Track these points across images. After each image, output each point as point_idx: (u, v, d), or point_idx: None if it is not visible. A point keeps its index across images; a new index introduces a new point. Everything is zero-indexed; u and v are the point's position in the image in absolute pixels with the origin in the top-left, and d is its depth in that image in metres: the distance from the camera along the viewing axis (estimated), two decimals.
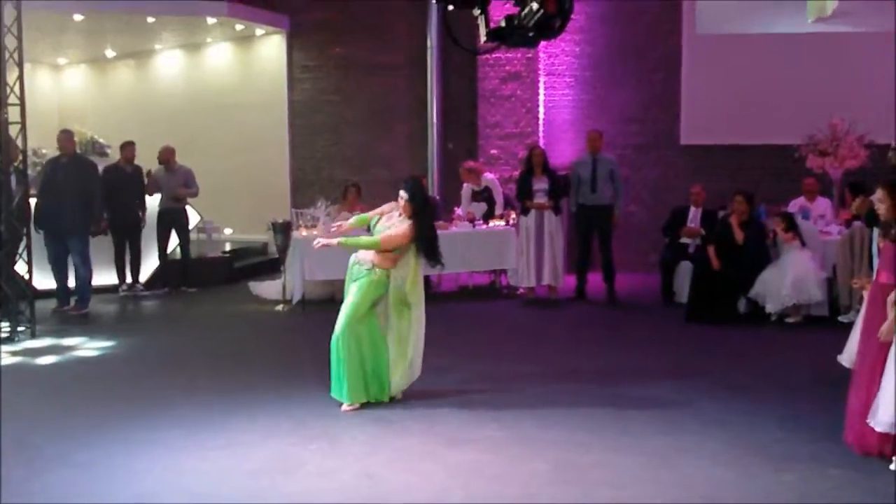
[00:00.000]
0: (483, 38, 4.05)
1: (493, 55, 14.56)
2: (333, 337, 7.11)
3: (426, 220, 7.24)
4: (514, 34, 3.85)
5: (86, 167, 11.69)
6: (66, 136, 11.55)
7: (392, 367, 7.26)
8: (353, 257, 7.33)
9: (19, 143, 10.01)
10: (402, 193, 7.17)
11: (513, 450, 6.14)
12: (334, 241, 7.31)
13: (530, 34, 3.83)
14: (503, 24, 3.86)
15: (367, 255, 7.24)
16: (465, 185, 13.12)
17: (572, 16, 4.03)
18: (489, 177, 13.18)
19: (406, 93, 15.68)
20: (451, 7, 4.02)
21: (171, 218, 13.10)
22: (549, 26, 3.79)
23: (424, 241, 7.20)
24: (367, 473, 5.69)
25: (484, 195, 12.94)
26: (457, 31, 4.18)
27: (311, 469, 5.78)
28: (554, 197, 12.02)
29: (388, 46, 15.69)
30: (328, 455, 6.05)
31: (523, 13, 3.80)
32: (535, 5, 3.77)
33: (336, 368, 7.11)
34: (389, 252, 7.15)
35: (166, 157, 13.15)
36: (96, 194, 11.54)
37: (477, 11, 3.87)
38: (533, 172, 12.06)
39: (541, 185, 12.00)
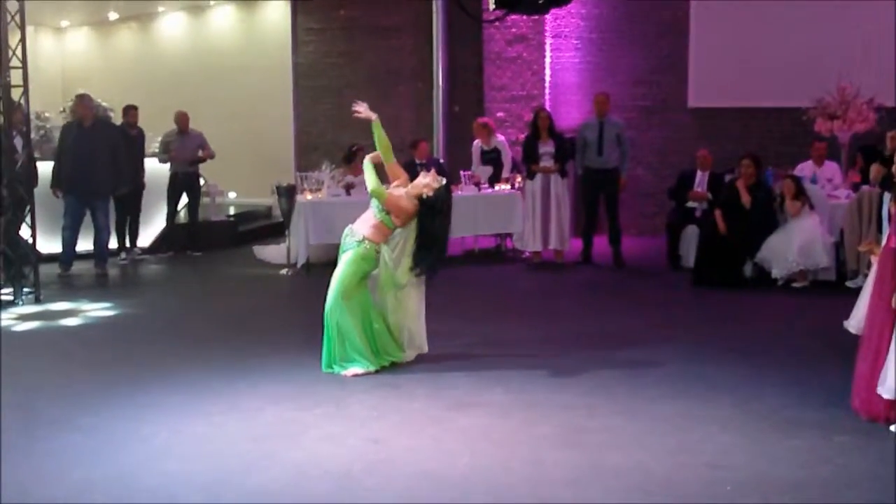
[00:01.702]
0: (492, 6, 3.99)
1: None
2: (326, 309, 7.10)
3: (434, 219, 7.19)
4: (524, 1, 3.78)
5: (112, 131, 12.03)
6: (82, 102, 11.61)
7: (396, 332, 7.26)
8: (348, 227, 7.29)
9: (22, 106, 9.95)
10: (431, 177, 7.18)
11: (519, 414, 6.12)
12: (373, 115, 7.28)
13: (540, 1, 3.77)
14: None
15: (360, 226, 7.20)
16: (475, 143, 13.05)
17: None
18: (500, 138, 13.11)
19: (411, 55, 15.57)
20: None
21: (184, 181, 13.09)
22: None
23: (427, 236, 7.16)
24: (373, 438, 5.68)
25: (492, 156, 12.88)
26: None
27: (317, 434, 5.77)
28: (560, 160, 11.95)
29: (392, 8, 15.56)
30: (334, 420, 6.04)
31: None
32: None
33: (328, 341, 7.10)
34: (383, 224, 7.10)
35: (182, 121, 13.10)
36: (122, 156, 11.76)
37: None
38: (539, 136, 11.98)
39: (547, 148, 11.93)
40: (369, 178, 7.19)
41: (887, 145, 10.28)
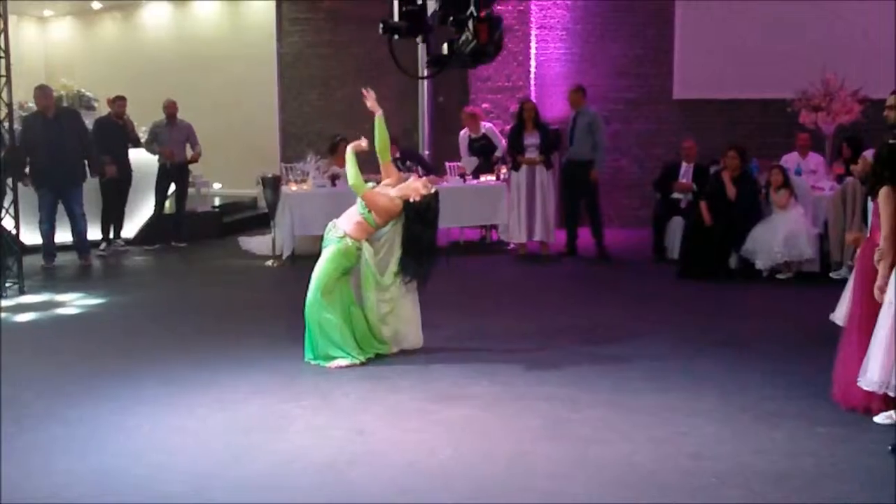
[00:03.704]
0: (424, 64, 4.25)
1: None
2: (306, 305, 7.09)
3: (420, 226, 7.18)
4: (453, 59, 4.01)
5: (76, 118, 11.92)
6: (44, 93, 11.51)
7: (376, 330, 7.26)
8: (331, 222, 7.28)
9: (4, 96, 9.89)
10: (421, 182, 7.19)
11: (504, 406, 6.13)
12: (379, 109, 7.25)
13: (468, 59, 3.99)
14: (444, 49, 4.01)
15: (343, 222, 7.18)
16: (462, 132, 13.05)
17: None
18: (487, 125, 13.11)
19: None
20: (396, 37, 4.22)
21: (174, 172, 13.03)
22: (483, 53, 3.92)
23: (413, 243, 7.15)
24: (357, 430, 5.68)
25: (481, 143, 12.87)
26: (400, 56, 4.39)
27: (302, 426, 5.77)
28: (545, 151, 11.93)
29: None
30: (318, 411, 6.03)
31: (461, 40, 3.93)
32: (468, 35, 3.90)
33: (310, 336, 7.10)
34: (365, 222, 7.09)
35: (171, 110, 13.06)
36: (90, 142, 11.73)
37: (419, 39, 4.05)
38: (524, 127, 11.96)
39: (532, 139, 11.91)
40: (350, 170, 7.15)
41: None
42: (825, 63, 12.11)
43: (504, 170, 12.44)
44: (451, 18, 4.04)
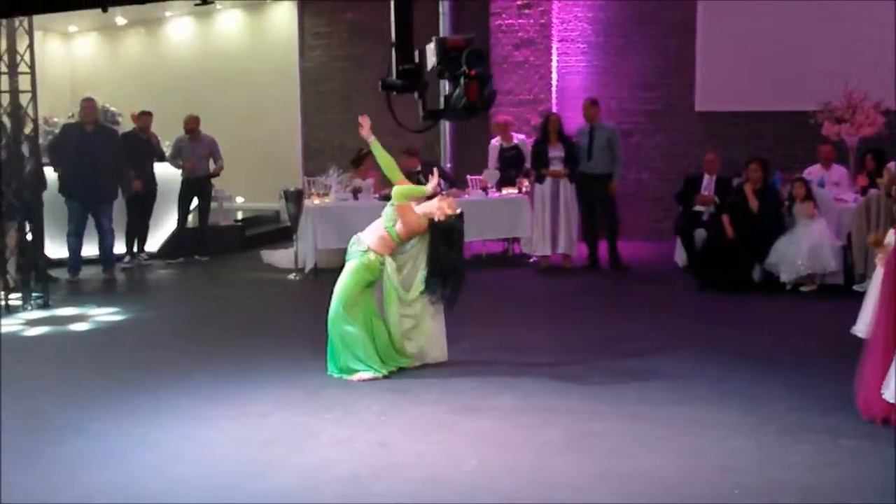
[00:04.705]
0: (420, 117, 4.46)
1: (506, 21, 14.48)
2: (329, 319, 7.11)
3: (447, 247, 7.18)
4: (447, 112, 4.22)
5: (113, 134, 12.17)
6: (90, 105, 11.68)
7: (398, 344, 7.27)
8: (355, 235, 7.29)
9: (30, 111, 9.98)
10: (447, 202, 7.21)
11: (526, 419, 6.12)
12: (371, 137, 7.15)
13: (462, 113, 4.21)
14: (441, 104, 4.24)
15: (366, 236, 7.19)
16: (492, 141, 13.06)
17: None
18: (520, 137, 13.13)
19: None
20: (394, 93, 4.46)
21: (197, 186, 13.12)
22: (474, 108, 4.14)
23: (440, 264, 7.15)
24: (380, 442, 5.68)
25: (512, 153, 12.88)
26: (402, 108, 4.65)
27: (325, 439, 5.77)
28: (570, 164, 11.92)
29: None
30: (342, 424, 6.04)
31: (454, 94, 4.13)
32: (461, 91, 4.19)
33: (332, 350, 7.11)
34: (389, 236, 7.10)
35: (192, 125, 13.14)
36: (123, 159, 11.87)
37: (416, 95, 4.28)
38: (549, 140, 11.96)
39: (556, 152, 11.90)
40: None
41: None
42: (848, 75, 12.05)
43: (526, 183, 12.44)
44: (447, 74, 4.25)
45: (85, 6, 4.86)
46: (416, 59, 4.33)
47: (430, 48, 4.36)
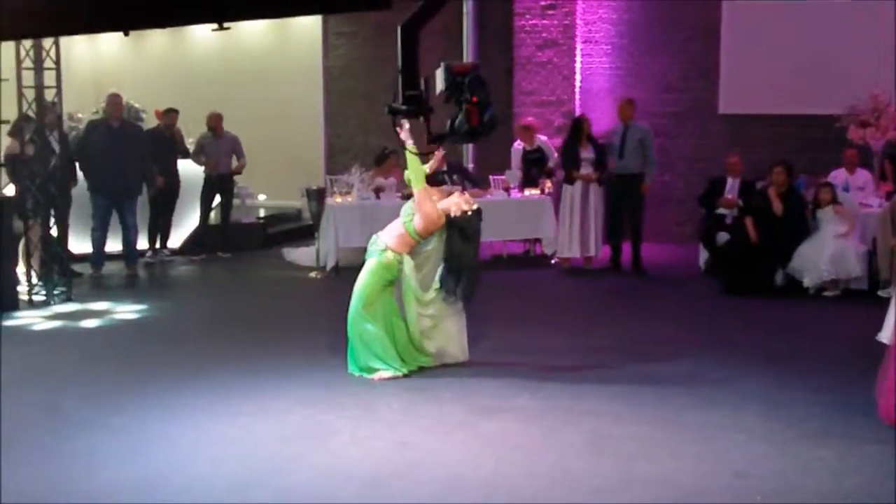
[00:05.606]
0: (426, 140, 4.59)
1: (530, 22, 14.45)
2: (348, 318, 7.12)
3: (463, 243, 7.17)
4: (451, 136, 4.34)
5: (140, 132, 12.22)
6: (117, 100, 11.71)
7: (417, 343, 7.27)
8: (374, 235, 7.29)
9: (56, 106, 10.04)
10: (463, 199, 7.18)
11: (546, 420, 6.12)
12: (409, 141, 6.75)
13: (466, 136, 4.33)
14: (447, 127, 4.37)
15: (385, 235, 7.19)
16: (515, 144, 13.03)
17: None
18: (542, 138, 13.10)
19: (441, 58, 15.51)
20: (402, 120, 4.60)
21: (219, 183, 13.16)
22: (476, 133, 4.38)
23: (455, 261, 7.15)
24: (400, 442, 5.69)
25: (536, 156, 12.85)
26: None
27: (345, 437, 5.79)
28: (599, 167, 11.88)
29: None
30: (361, 423, 6.05)
31: (457, 119, 4.25)
32: (462, 116, 4.36)
33: (352, 346, 7.12)
34: (407, 234, 7.10)
35: (214, 123, 13.19)
36: (148, 156, 11.90)
37: (421, 120, 4.39)
38: (580, 141, 11.91)
39: (587, 154, 11.84)
40: (419, 172, 7.15)
41: None
42: (873, 79, 11.96)
43: (549, 184, 12.41)
44: (454, 99, 4.45)
45: (108, 30, 5.02)
46: (422, 86, 4.49)
47: (439, 73, 4.61)
